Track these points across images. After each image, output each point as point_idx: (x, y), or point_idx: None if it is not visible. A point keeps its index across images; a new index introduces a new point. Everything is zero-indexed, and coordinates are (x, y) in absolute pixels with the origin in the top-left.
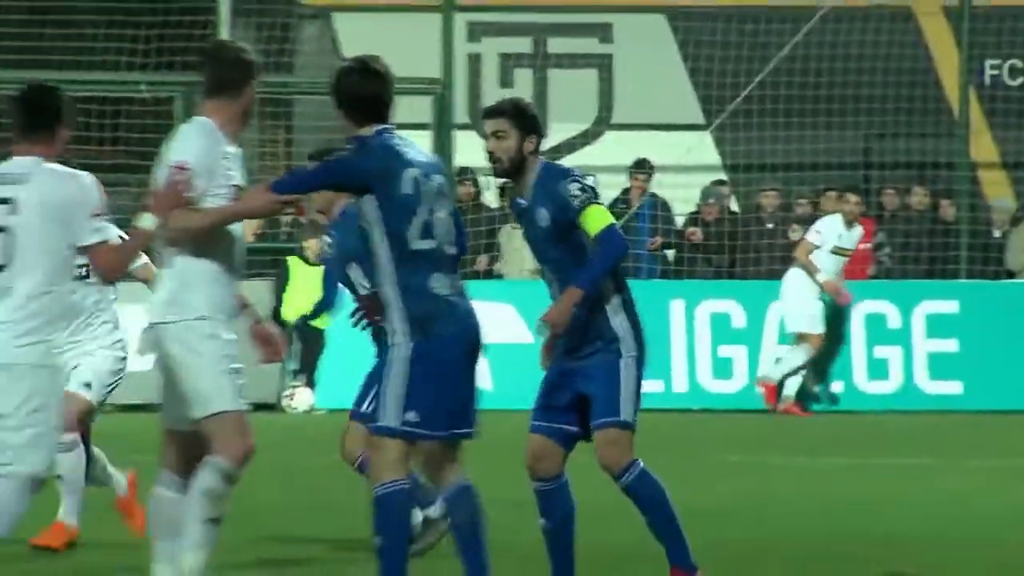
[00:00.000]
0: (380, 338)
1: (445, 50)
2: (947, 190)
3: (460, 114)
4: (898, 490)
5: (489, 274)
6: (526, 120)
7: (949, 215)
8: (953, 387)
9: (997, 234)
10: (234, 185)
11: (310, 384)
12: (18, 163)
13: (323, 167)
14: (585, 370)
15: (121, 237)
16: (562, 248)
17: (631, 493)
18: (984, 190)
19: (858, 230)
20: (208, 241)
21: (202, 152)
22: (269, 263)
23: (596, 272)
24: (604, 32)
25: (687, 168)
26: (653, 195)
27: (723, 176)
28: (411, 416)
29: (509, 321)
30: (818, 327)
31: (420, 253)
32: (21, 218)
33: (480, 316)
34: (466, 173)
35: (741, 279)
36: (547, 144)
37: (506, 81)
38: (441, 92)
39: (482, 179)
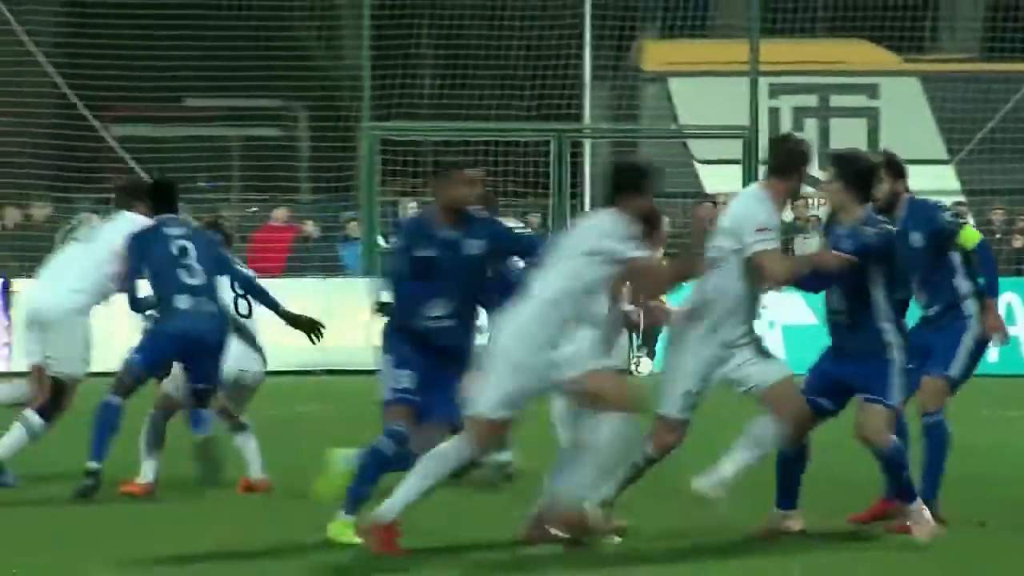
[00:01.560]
0: None
1: (752, 105)
2: None
3: (763, 154)
4: None
5: None
6: (893, 168)
7: None
8: None
9: None
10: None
11: (651, 355)
12: None
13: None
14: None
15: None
16: (928, 263)
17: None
18: None
19: None
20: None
21: (772, 216)
22: None
23: (996, 277)
24: (872, 91)
25: (936, 192)
26: None
27: (962, 199)
28: None
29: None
30: None
31: None
32: None
33: None
34: None
35: None
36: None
37: (797, 128)
38: (748, 136)
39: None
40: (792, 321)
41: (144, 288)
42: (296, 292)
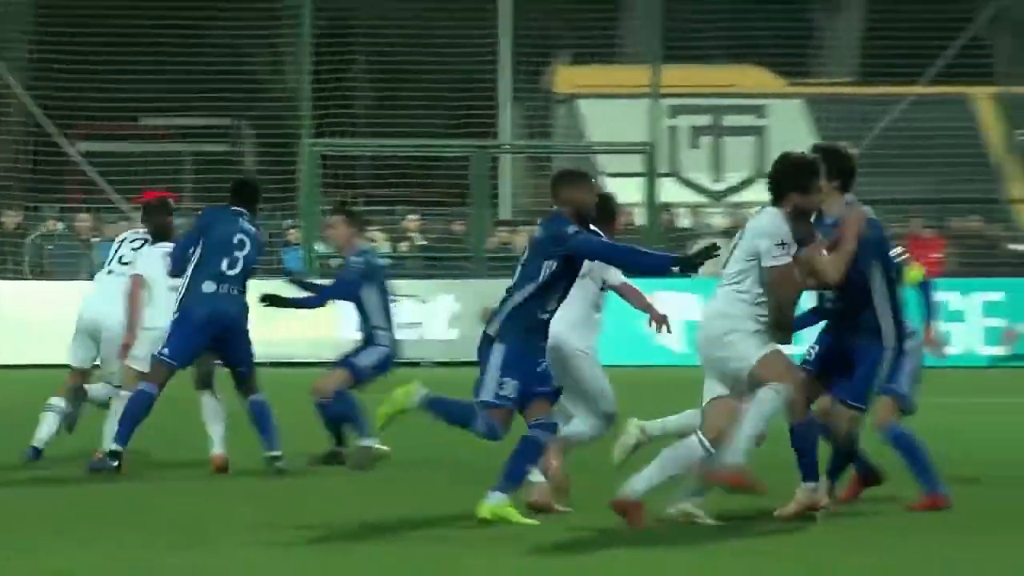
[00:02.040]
0: None
1: (652, 124)
2: None
3: (663, 167)
4: None
5: None
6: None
7: None
8: None
9: None
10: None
11: None
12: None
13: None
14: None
15: None
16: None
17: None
18: None
19: None
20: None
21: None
22: None
23: (937, 308)
24: (760, 111)
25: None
26: None
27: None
28: None
29: None
30: None
31: None
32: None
33: None
34: (667, 209)
35: None
36: (720, 187)
37: (694, 145)
38: (649, 151)
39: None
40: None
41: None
42: None
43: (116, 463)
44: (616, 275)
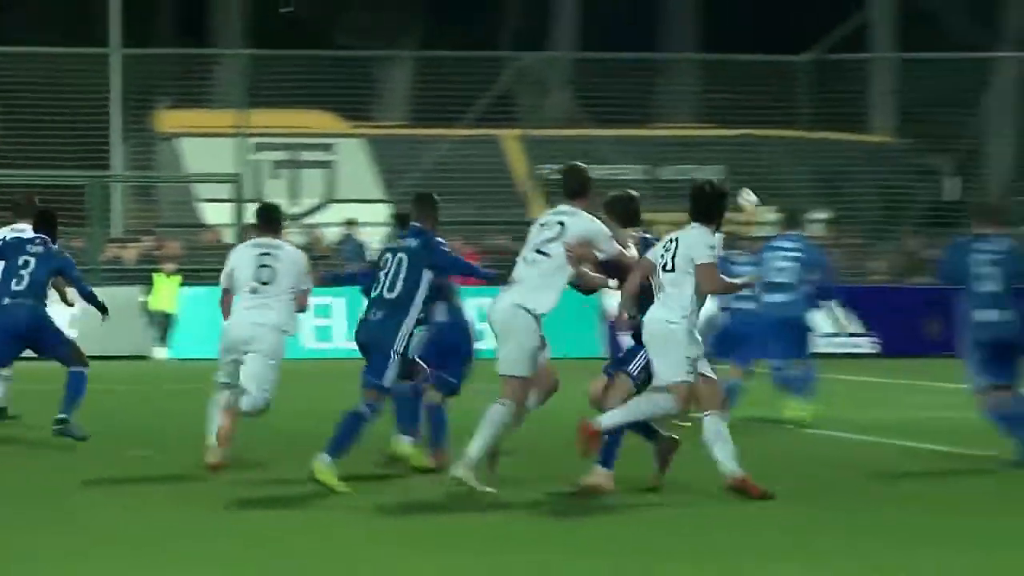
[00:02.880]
0: None
1: (239, 158)
2: None
3: (249, 194)
4: None
5: None
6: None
7: None
8: None
9: None
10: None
11: None
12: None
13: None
14: None
15: None
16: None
17: None
18: None
19: None
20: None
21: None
22: None
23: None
24: (329, 149)
25: (376, 224)
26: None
27: None
28: None
29: None
30: None
31: None
32: None
33: None
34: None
35: None
36: (297, 210)
37: (274, 176)
38: (238, 181)
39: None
40: None
41: None
42: None
43: None
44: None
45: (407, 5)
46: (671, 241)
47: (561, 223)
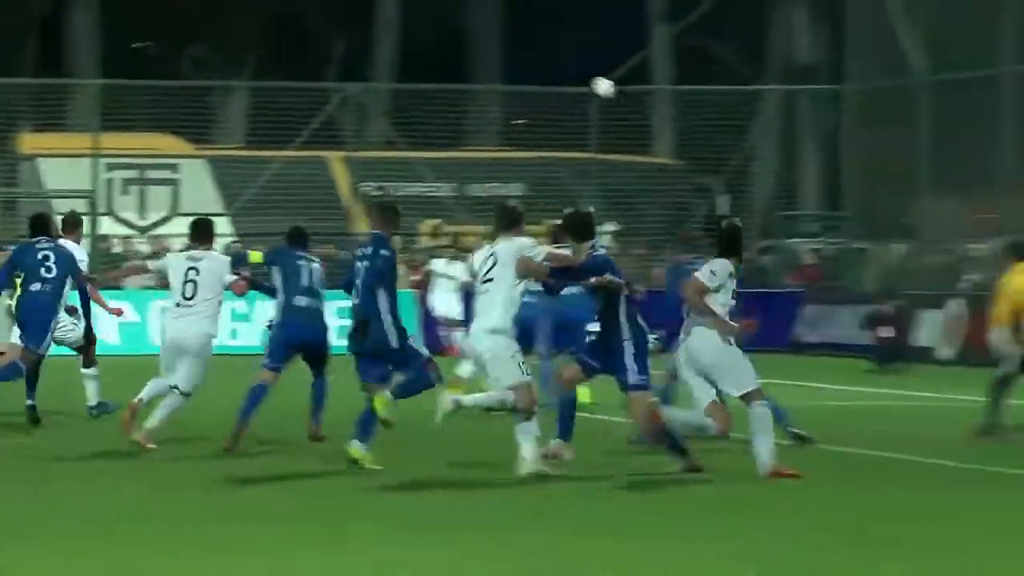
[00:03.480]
0: None
1: (94, 176)
2: None
3: (103, 209)
4: None
5: None
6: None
7: None
8: None
9: None
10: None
11: None
12: None
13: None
14: None
15: None
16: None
17: None
18: None
19: None
20: None
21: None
22: None
23: None
24: (175, 168)
25: (219, 236)
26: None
27: (237, 239)
28: None
29: None
30: None
31: None
32: None
33: None
34: (105, 239)
35: None
36: (145, 223)
37: (125, 192)
38: (93, 197)
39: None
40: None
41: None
42: None
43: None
44: None
45: (243, 41)
46: (490, 256)
47: (492, 254)
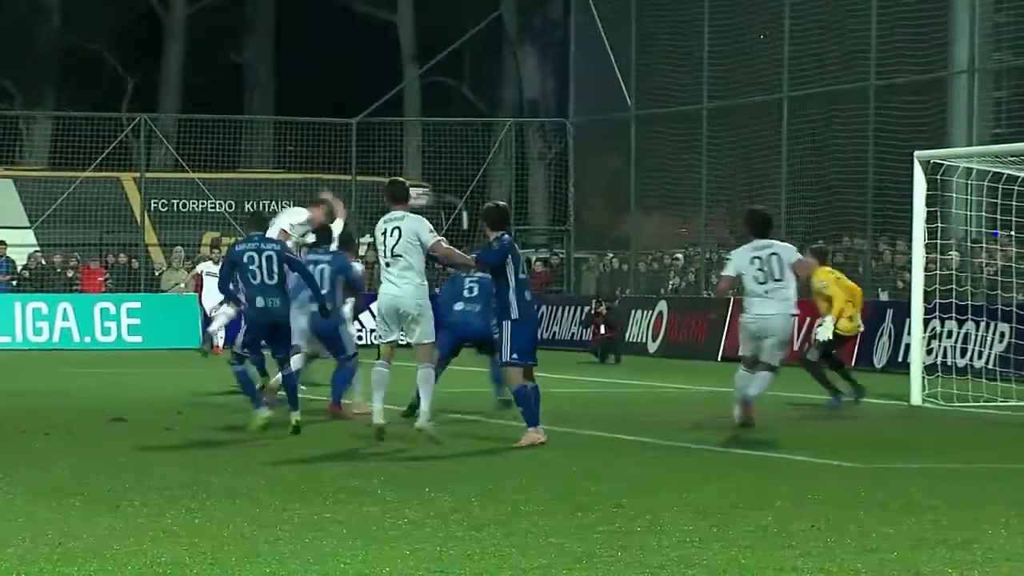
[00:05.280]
0: None
1: None
2: None
3: None
4: None
5: None
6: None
7: None
8: None
9: None
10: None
11: None
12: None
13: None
14: None
15: None
16: None
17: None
18: None
19: None
20: None
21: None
22: None
23: None
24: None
25: (20, 247)
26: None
27: (39, 250)
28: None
29: None
30: None
31: None
32: None
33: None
34: None
35: None
36: None
37: None
38: None
39: None
40: None
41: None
42: None
43: None
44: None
45: (45, 76)
46: (395, 230)
47: (397, 228)
